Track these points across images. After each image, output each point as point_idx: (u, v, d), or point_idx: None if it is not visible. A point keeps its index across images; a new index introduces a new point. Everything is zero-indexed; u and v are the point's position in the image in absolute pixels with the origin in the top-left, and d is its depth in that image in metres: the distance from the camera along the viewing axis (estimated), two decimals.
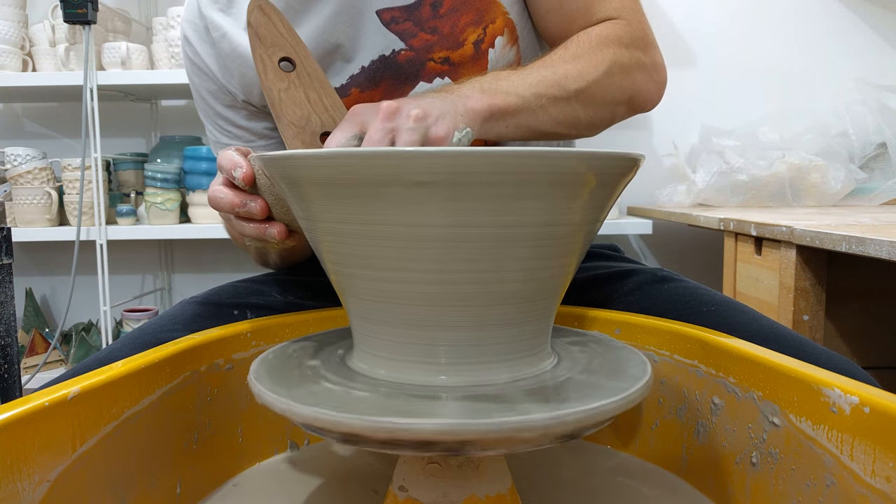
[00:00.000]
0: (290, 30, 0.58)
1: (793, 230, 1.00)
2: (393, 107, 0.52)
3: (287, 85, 0.58)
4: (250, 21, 0.57)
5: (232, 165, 0.49)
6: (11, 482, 0.35)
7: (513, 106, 0.57)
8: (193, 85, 0.76)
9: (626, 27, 0.67)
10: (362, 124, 0.53)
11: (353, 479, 0.56)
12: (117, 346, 0.64)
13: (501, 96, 0.57)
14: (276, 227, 0.51)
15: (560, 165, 0.35)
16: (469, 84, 0.58)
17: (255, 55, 0.58)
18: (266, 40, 0.57)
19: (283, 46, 0.58)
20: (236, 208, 0.50)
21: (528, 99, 0.58)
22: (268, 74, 0.58)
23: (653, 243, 1.95)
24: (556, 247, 0.38)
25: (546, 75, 0.60)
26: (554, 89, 0.60)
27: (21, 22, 1.72)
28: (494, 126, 0.58)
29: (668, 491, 0.53)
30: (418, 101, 0.54)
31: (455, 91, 0.57)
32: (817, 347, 0.57)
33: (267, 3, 0.58)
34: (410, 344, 0.39)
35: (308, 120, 0.58)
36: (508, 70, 0.61)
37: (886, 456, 0.34)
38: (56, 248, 1.96)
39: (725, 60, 1.89)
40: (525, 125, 0.59)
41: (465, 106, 0.55)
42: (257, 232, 0.51)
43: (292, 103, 0.58)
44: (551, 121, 0.61)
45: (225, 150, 0.52)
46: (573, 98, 0.61)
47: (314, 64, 0.59)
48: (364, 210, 0.36)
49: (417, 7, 0.66)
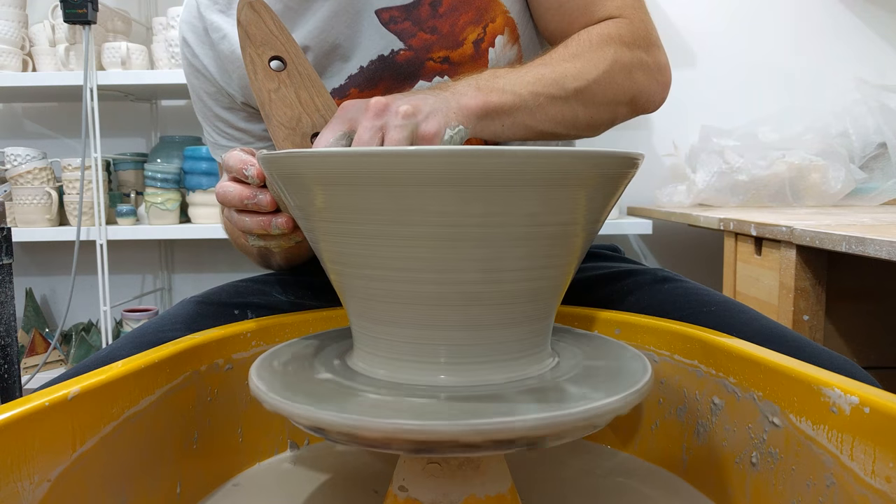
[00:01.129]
0: (282, 28, 0.57)
1: (793, 230, 1.00)
2: (382, 103, 0.51)
3: (277, 85, 0.56)
4: (240, 19, 0.56)
5: (242, 164, 0.50)
6: (11, 482, 0.35)
7: (508, 104, 0.57)
8: (192, 86, 0.76)
9: (628, 26, 0.66)
10: (351, 122, 0.52)
11: (353, 479, 0.56)
12: (117, 345, 0.64)
13: (497, 94, 0.56)
14: (282, 216, 0.51)
15: (559, 165, 0.35)
16: (465, 81, 0.57)
17: (245, 54, 0.57)
18: (256, 39, 0.56)
19: (274, 45, 0.56)
20: (245, 200, 0.51)
21: (525, 97, 0.58)
22: (258, 74, 0.57)
23: (653, 243, 1.95)
24: (555, 247, 0.38)
25: (544, 73, 0.60)
26: (552, 88, 0.59)
27: (21, 22, 1.72)
28: (490, 124, 0.57)
29: (668, 491, 0.53)
30: (409, 98, 0.53)
31: (449, 88, 0.56)
32: (818, 347, 0.57)
33: (258, 1, 0.57)
34: (410, 344, 0.39)
35: (299, 121, 0.57)
36: (506, 68, 0.61)
37: (886, 456, 0.34)
38: (56, 248, 1.96)
39: (725, 60, 1.89)
40: (522, 124, 0.59)
41: (459, 103, 0.54)
42: (262, 225, 0.51)
43: (283, 104, 0.57)
44: (549, 120, 0.60)
45: (231, 150, 0.53)
46: (572, 97, 0.61)
47: (305, 62, 0.58)
48: (362, 210, 0.36)
49: (416, 6, 0.66)
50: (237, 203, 0.51)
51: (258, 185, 0.50)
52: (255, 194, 0.50)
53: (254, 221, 0.52)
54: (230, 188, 0.51)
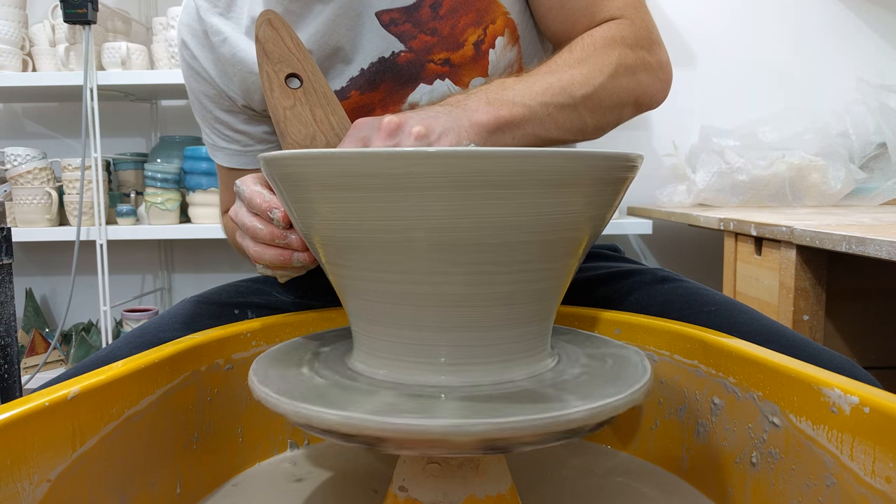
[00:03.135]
0: (299, 44, 0.57)
1: (793, 230, 1.00)
2: (395, 123, 0.51)
3: (293, 103, 0.57)
4: (258, 36, 0.56)
5: (267, 206, 0.51)
6: (11, 482, 0.35)
7: (519, 116, 0.57)
8: (191, 89, 0.75)
9: (630, 27, 0.66)
10: (364, 140, 0.53)
11: (353, 479, 0.56)
12: (117, 345, 0.64)
13: (507, 107, 0.56)
14: (305, 253, 0.53)
15: (559, 166, 0.35)
16: (475, 96, 0.57)
17: (262, 72, 0.57)
18: (273, 56, 0.56)
19: (291, 62, 0.57)
20: (276, 239, 0.52)
21: (535, 109, 0.58)
22: (273, 92, 0.57)
23: (653, 243, 1.95)
24: (556, 248, 0.38)
25: (552, 82, 0.60)
26: (560, 97, 0.59)
27: (21, 22, 1.72)
28: (501, 137, 0.57)
29: (668, 491, 0.53)
30: (422, 116, 0.54)
31: (461, 104, 0.56)
32: (818, 347, 0.57)
33: (276, 17, 0.57)
34: (410, 344, 0.39)
35: (313, 139, 0.57)
36: (514, 77, 0.61)
37: (886, 456, 0.34)
38: (56, 248, 1.96)
39: (725, 60, 1.89)
40: (532, 134, 0.59)
41: (471, 120, 0.55)
42: (283, 260, 0.53)
43: (298, 122, 0.57)
44: (558, 128, 0.61)
45: (244, 179, 0.54)
46: (580, 104, 0.61)
47: (321, 79, 0.58)
48: (362, 210, 0.36)
49: (417, 8, 0.66)
50: (269, 242, 0.52)
51: (284, 227, 0.52)
52: (286, 235, 0.52)
53: (274, 255, 0.53)
54: (260, 226, 0.52)
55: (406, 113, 0.55)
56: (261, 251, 0.53)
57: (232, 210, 0.56)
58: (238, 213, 0.55)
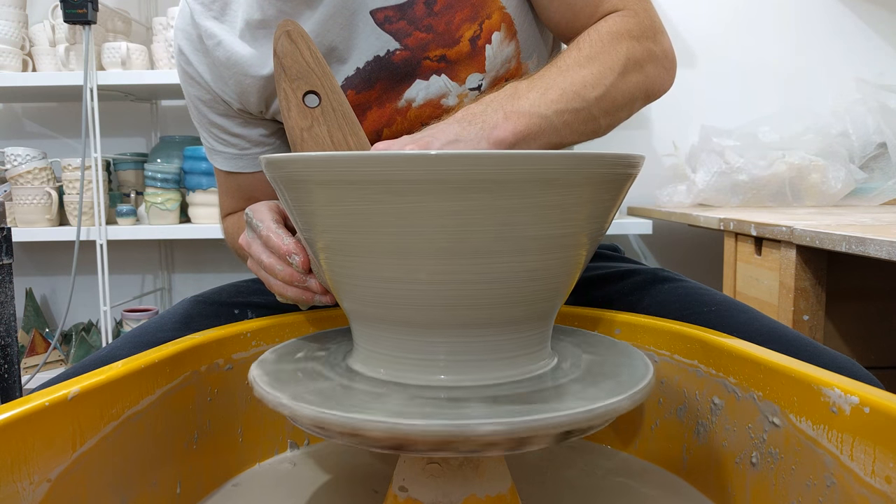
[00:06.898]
0: (318, 59, 0.55)
1: (793, 230, 1.00)
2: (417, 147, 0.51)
3: (310, 123, 0.55)
4: (276, 50, 0.54)
5: (286, 251, 0.52)
6: (11, 482, 0.35)
7: (536, 128, 0.57)
8: (187, 94, 0.75)
9: (633, 18, 0.66)
10: None
11: (353, 479, 0.56)
12: (117, 345, 0.64)
13: (525, 119, 0.56)
14: (326, 297, 0.54)
15: (560, 169, 0.35)
16: (490, 107, 0.57)
17: (280, 89, 0.55)
18: (291, 72, 0.54)
19: (309, 79, 0.55)
20: (295, 282, 0.53)
21: (552, 118, 0.58)
22: (291, 112, 0.55)
23: (653, 243, 1.95)
24: (557, 250, 0.38)
25: (565, 87, 0.59)
26: (575, 101, 0.59)
27: (21, 22, 1.72)
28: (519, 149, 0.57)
29: (668, 491, 0.53)
30: (441, 140, 0.53)
31: (479, 118, 0.56)
32: (819, 347, 0.57)
33: (295, 29, 0.54)
34: (410, 344, 0.39)
35: None
36: (525, 81, 0.60)
37: (886, 456, 0.34)
38: (56, 248, 1.96)
39: (725, 61, 1.89)
40: (548, 143, 0.59)
41: (491, 137, 0.55)
42: (304, 298, 0.54)
43: (315, 144, 0.55)
44: (573, 133, 0.60)
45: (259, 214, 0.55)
46: (594, 106, 0.60)
47: (341, 97, 0.56)
48: (363, 213, 0.36)
49: (411, 5, 0.66)
50: (288, 282, 0.54)
51: (303, 272, 0.53)
52: (305, 279, 0.53)
53: (296, 293, 0.54)
54: (280, 270, 0.53)
55: (425, 133, 0.55)
56: (282, 288, 0.54)
57: (244, 240, 0.57)
58: (252, 246, 0.56)
